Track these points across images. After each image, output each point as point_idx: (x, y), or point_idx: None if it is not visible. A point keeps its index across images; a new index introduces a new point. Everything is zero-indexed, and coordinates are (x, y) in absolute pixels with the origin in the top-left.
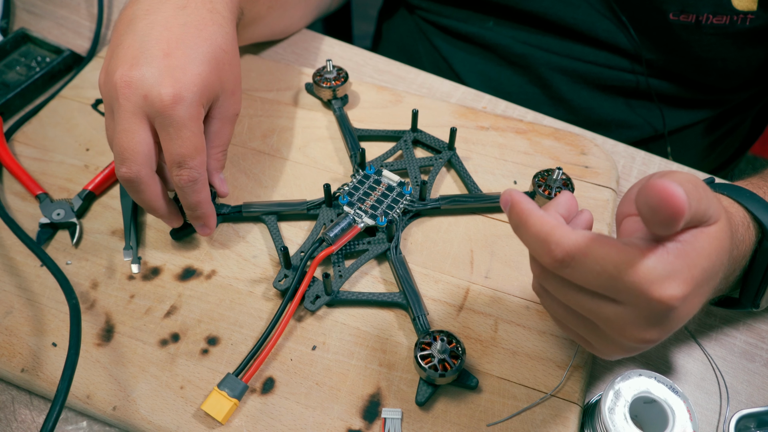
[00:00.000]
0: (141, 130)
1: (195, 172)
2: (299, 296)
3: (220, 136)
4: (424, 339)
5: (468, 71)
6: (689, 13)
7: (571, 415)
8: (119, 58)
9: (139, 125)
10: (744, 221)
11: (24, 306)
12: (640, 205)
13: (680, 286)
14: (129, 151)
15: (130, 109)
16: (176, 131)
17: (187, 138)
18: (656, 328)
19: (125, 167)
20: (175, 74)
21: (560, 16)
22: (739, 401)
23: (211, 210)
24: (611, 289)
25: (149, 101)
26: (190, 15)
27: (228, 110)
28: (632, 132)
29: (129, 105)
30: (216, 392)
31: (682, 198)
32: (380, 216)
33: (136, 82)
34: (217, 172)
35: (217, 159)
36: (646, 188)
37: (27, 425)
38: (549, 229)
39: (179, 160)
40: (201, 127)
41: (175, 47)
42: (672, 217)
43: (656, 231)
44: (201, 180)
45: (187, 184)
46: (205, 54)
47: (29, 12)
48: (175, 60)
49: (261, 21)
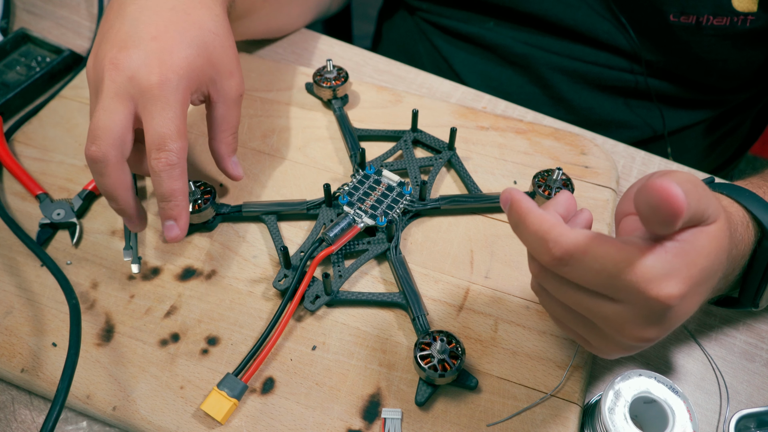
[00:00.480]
0: (120, 111)
1: (174, 156)
2: (299, 296)
3: (228, 119)
4: (423, 339)
5: (468, 71)
6: (689, 14)
7: (571, 415)
8: (108, 41)
9: (120, 106)
10: (743, 221)
11: (24, 306)
12: (639, 205)
13: (678, 284)
14: (102, 129)
15: (114, 90)
16: (160, 111)
17: (169, 119)
18: (654, 327)
19: (95, 146)
20: (162, 57)
21: (560, 17)
22: (739, 401)
23: (184, 204)
24: (609, 288)
25: (135, 82)
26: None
27: (229, 92)
28: (632, 132)
29: (113, 86)
30: (215, 392)
31: (681, 198)
32: (380, 216)
33: (123, 64)
34: (229, 156)
35: (227, 143)
36: (645, 188)
37: (27, 425)
38: (548, 227)
39: (159, 142)
40: (185, 112)
41: (163, 31)
42: (671, 216)
43: (655, 230)
44: (179, 167)
45: (165, 168)
46: (193, 38)
47: (29, 12)
48: (163, 43)
49: (255, 14)
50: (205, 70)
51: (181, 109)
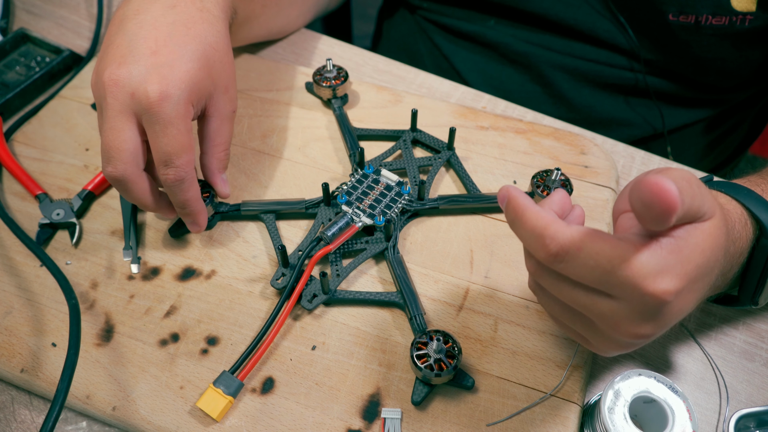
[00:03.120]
0: (127, 128)
1: (182, 171)
2: (296, 294)
3: (220, 134)
4: (420, 339)
5: (469, 70)
6: (688, 13)
7: (570, 414)
8: (108, 57)
9: (126, 123)
10: (741, 218)
11: (24, 306)
12: (633, 201)
13: (673, 280)
14: (115, 149)
15: (117, 108)
16: (162, 129)
17: (173, 136)
18: (650, 323)
19: (111, 166)
20: (162, 72)
21: (561, 16)
22: (738, 401)
23: (200, 207)
24: (605, 284)
25: (136, 99)
26: (179, 14)
27: (224, 108)
28: (633, 130)
29: (116, 103)
30: (211, 389)
31: (674, 194)
32: (378, 215)
33: (123, 80)
34: (220, 173)
35: (219, 158)
36: (639, 184)
37: (27, 425)
38: (544, 224)
39: (166, 159)
40: (189, 125)
41: (162, 45)
42: (664, 212)
43: (649, 226)
44: (188, 179)
45: (174, 183)
46: (193, 52)
47: (29, 12)
48: (163, 58)
49: (256, 20)
50: (205, 84)
51: (184, 123)
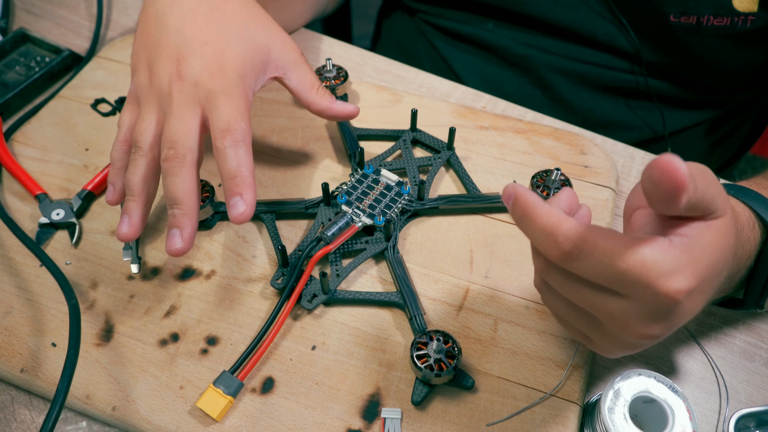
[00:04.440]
0: (192, 118)
1: (238, 134)
2: (296, 294)
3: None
4: (420, 339)
5: (468, 72)
6: (690, 14)
7: (570, 414)
8: (164, 57)
9: (192, 112)
10: (749, 221)
11: (23, 306)
12: (644, 181)
13: (686, 280)
14: (180, 133)
15: (183, 99)
16: (224, 102)
17: (232, 106)
18: (659, 324)
19: (173, 150)
20: (218, 60)
21: (560, 18)
22: (738, 401)
23: (250, 181)
24: (617, 283)
25: (200, 87)
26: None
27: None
28: (633, 133)
29: (182, 96)
30: (211, 389)
31: (683, 171)
32: (378, 215)
33: (186, 74)
34: (332, 104)
35: (321, 95)
36: (651, 164)
37: (26, 425)
38: (556, 221)
39: (224, 126)
40: (248, 103)
41: (209, 35)
42: (673, 191)
43: (660, 209)
44: (244, 145)
45: (231, 144)
46: (237, 32)
47: (29, 12)
48: (215, 46)
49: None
50: (258, 56)
51: (244, 100)
